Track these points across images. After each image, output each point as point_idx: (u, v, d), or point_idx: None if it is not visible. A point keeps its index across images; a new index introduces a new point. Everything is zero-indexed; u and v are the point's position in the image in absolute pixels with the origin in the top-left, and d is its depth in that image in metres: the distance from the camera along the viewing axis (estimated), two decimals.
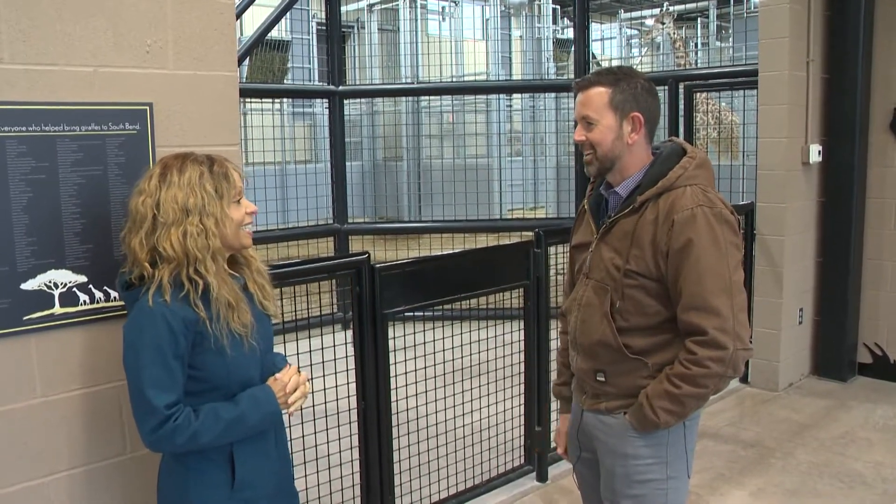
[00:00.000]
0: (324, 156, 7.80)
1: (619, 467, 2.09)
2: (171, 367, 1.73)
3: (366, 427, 3.04)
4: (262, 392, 1.86)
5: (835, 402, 4.80)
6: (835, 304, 5.14)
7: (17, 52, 1.91)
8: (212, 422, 1.76)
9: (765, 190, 4.92)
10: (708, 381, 1.92)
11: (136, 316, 1.76)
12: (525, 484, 3.73)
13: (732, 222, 1.99)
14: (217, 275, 1.78)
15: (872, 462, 3.94)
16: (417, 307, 3.21)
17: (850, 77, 4.91)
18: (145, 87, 2.12)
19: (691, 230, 1.92)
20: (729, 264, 1.94)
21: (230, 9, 2.29)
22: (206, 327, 1.76)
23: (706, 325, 1.90)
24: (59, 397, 2.05)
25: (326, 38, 6.84)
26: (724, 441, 4.23)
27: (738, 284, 1.95)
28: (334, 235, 6.88)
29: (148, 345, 1.71)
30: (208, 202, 1.78)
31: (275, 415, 1.87)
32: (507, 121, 12.63)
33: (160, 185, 1.77)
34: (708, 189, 2.01)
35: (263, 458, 1.91)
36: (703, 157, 2.06)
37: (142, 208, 1.77)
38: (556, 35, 14.15)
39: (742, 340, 1.92)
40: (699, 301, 1.91)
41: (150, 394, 1.70)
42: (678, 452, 2.07)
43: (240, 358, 1.82)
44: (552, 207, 9.85)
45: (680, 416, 1.99)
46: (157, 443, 1.75)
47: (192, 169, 1.79)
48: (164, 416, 1.71)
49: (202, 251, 1.76)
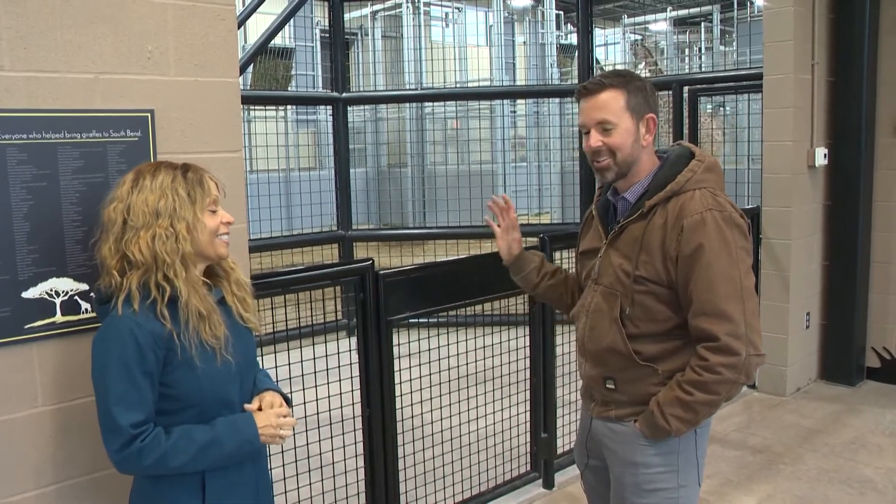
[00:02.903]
0: (328, 163, 7.79)
1: (629, 476, 2.07)
2: (139, 384, 1.66)
3: (371, 434, 3.02)
4: (242, 420, 1.79)
5: (843, 406, 4.77)
6: (842, 307, 5.11)
7: (17, 59, 1.91)
8: (184, 444, 1.70)
9: (770, 193, 4.90)
10: (720, 388, 1.89)
11: (103, 330, 1.71)
12: (531, 491, 3.70)
13: (742, 226, 1.96)
14: (187, 282, 1.72)
15: (883, 468, 3.90)
16: (422, 314, 3.19)
17: (856, 79, 4.89)
18: (146, 94, 2.11)
19: (701, 235, 1.90)
20: (740, 269, 1.91)
21: (231, 15, 2.28)
22: (174, 339, 1.70)
23: (718, 330, 1.87)
24: (61, 406, 2.03)
25: (330, 45, 6.85)
26: (731, 447, 4.20)
27: (750, 289, 1.92)
28: (339, 242, 6.88)
29: (115, 360, 1.66)
30: (180, 206, 1.73)
31: (251, 443, 1.78)
32: (511, 126, 12.62)
33: (132, 190, 1.74)
34: (717, 192, 1.98)
35: (238, 491, 1.83)
36: (712, 161, 2.04)
37: (113, 214, 1.74)
38: (559, 40, 14.14)
39: (755, 346, 1.89)
40: (710, 307, 1.89)
41: (115, 411, 1.64)
42: (689, 460, 2.04)
43: (211, 372, 1.75)
44: (556, 213, 9.84)
45: (692, 424, 1.96)
46: (123, 463, 1.68)
47: (165, 173, 1.76)
48: (129, 436, 1.65)
49: (171, 255, 1.70)
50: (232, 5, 2.29)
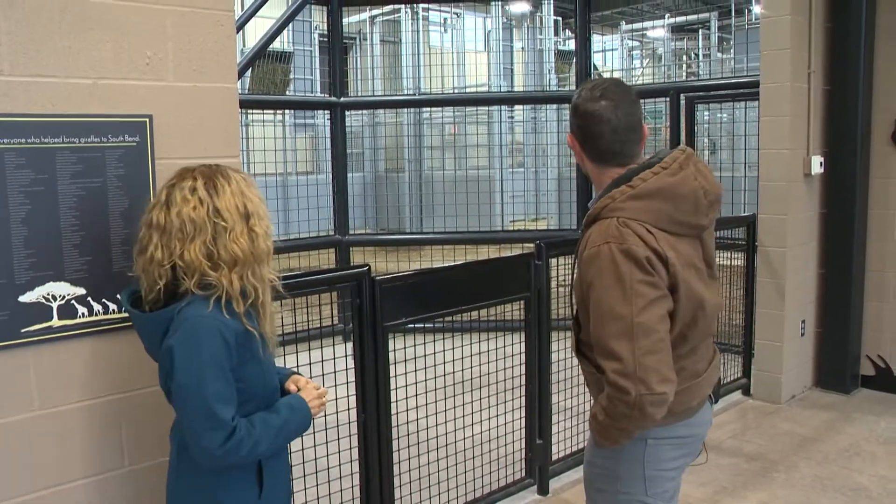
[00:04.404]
0: (325, 167, 7.79)
1: (585, 469, 2.16)
2: (229, 379, 1.75)
3: (366, 439, 3.03)
4: (295, 400, 1.91)
5: (838, 414, 4.78)
6: (837, 315, 5.13)
7: (16, 64, 1.91)
8: (265, 431, 1.79)
9: (766, 201, 4.91)
10: (619, 418, 1.85)
11: (189, 329, 1.73)
12: (526, 497, 3.71)
13: (641, 259, 1.82)
14: (264, 280, 1.84)
15: (877, 476, 3.92)
16: (418, 319, 3.19)
17: (852, 88, 4.91)
18: (145, 100, 2.12)
19: (594, 270, 1.86)
20: (633, 305, 1.80)
21: (230, 21, 2.29)
22: (252, 336, 1.79)
23: (606, 368, 1.83)
24: (57, 410, 2.04)
25: (328, 49, 6.85)
26: (726, 454, 4.21)
27: (645, 326, 1.80)
28: (336, 247, 6.88)
29: (209, 359, 1.72)
30: (259, 206, 1.85)
31: (307, 420, 1.91)
32: (508, 132, 12.65)
33: (211, 194, 1.78)
34: (630, 222, 1.86)
35: (283, 469, 1.97)
36: (651, 188, 1.89)
37: (195, 215, 1.76)
38: (557, 46, 14.19)
39: (646, 385, 1.78)
40: (602, 344, 1.85)
41: (217, 408, 1.71)
42: (633, 471, 2.01)
43: (268, 364, 1.87)
44: (553, 219, 9.84)
45: (607, 439, 1.94)
46: (224, 456, 1.73)
47: (235, 176, 1.84)
48: (231, 430, 1.73)
49: (262, 254, 1.82)
50: (231, 11, 2.30)
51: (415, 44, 11.54)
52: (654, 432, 1.97)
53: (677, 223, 1.91)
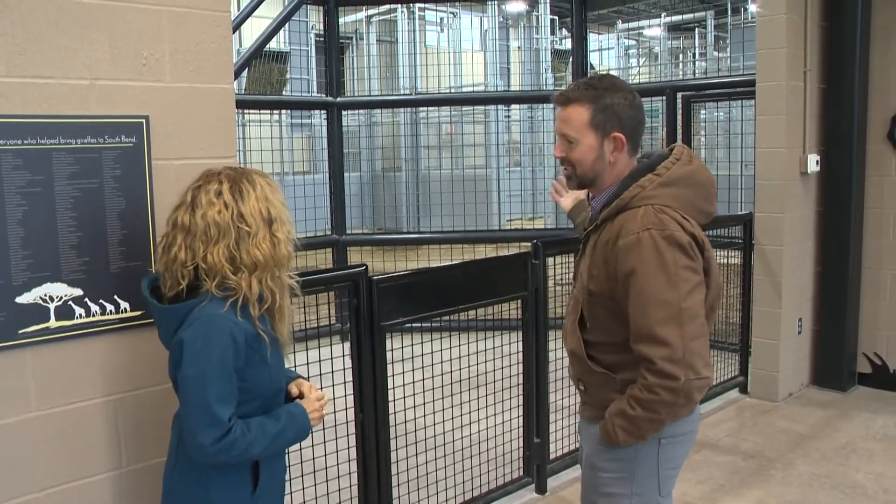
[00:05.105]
0: (322, 167, 7.79)
1: (588, 476, 2.12)
2: (232, 380, 1.77)
3: (364, 439, 3.03)
4: (295, 408, 1.93)
5: (835, 412, 4.79)
6: (834, 313, 5.14)
7: (13, 65, 1.91)
8: (261, 435, 1.81)
9: (763, 200, 4.92)
10: (659, 408, 1.86)
11: (202, 327, 1.76)
12: (524, 496, 3.71)
13: (685, 244, 1.87)
14: (282, 284, 1.86)
15: (873, 473, 3.93)
16: (415, 319, 3.19)
17: (848, 87, 4.93)
18: (142, 100, 2.12)
19: (635, 257, 1.86)
20: (679, 290, 1.84)
21: (226, 21, 2.29)
22: (262, 339, 1.82)
23: (654, 355, 1.83)
24: (55, 411, 2.04)
25: (325, 49, 6.85)
26: (723, 452, 4.21)
27: (691, 311, 1.85)
28: (333, 246, 6.87)
29: (216, 359, 1.74)
30: (282, 211, 1.86)
31: (306, 429, 1.93)
32: (505, 131, 12.65)
33: (236, 198, 1.81)
34: (665, 209, 1.90)
35: (280, 469, 1.99)
36: (676, 175, 1.95)
37: (219, 219, 1.78)
38: (554, 46, 14.20)
39: (695, 370, 1.83)
40: (645, 331, 1.85)
41: (216, 407, 1.73)
42: (648, 470, 2.02)
43: (276, 365, 1.89)
44: (551, 218, 9.86)
45: (638, 437, 1.94)
46: (216, 454, 1.75)
47: (260, 181, 1.85)
48: (226, 429, 1.74)
49: (283, 258, 1.83)
50: (227, 11, 2.30)
51: (411, 43, 11.56)
52: (667, 430, 1.98)
53: (697, 210, 1.97)
